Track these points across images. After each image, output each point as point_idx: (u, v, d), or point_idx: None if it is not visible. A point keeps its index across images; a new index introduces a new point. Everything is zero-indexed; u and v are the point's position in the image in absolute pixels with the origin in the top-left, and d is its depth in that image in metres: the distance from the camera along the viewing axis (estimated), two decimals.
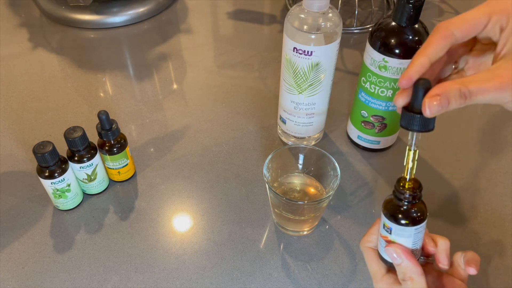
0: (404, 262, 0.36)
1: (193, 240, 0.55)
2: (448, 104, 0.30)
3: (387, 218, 0.37)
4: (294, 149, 0.56)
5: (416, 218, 0.36)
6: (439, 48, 0.32)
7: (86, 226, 0.56)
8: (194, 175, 0.62)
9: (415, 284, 0.36)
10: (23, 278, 0.51)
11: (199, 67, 0.81)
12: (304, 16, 0.53)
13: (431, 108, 0.30)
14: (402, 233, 0.37)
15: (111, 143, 0.56)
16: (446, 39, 0.31)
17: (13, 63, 0.81)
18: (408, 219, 0.36)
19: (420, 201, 0.37)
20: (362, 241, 0.41)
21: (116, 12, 0.88)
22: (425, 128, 0.33)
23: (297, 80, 0.57)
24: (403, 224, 0.36)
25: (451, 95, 0.30)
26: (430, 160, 0.65)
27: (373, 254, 0.40)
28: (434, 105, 0.30)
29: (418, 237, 0.37)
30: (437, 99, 0.30)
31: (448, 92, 0.30)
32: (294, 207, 0.51)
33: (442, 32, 0.32)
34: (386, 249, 0.38)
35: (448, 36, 0.31)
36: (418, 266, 0.36)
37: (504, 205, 0.59)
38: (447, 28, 0.31)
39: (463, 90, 0.30)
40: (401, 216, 0.36)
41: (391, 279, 0.39)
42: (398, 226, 0.36)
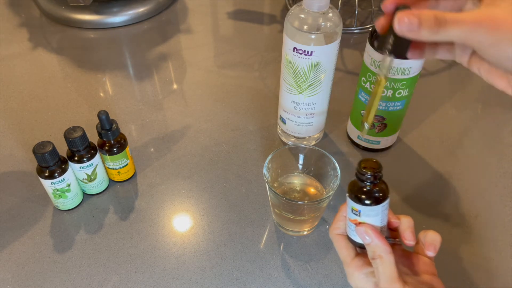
0: (374, 241, 0.38)
1: (193, 240, 0.55)
2: (419, 25, 0.30)
3: (354, 202, 0.39)
4: (294, 149, 0.56)
5: (382, 196, 0.38)
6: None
7: (86, 226, 0.56)
8: (194, 175, 0.62)
9: (384, 262, 0.37)
10: (23, 278, 0.51)
11: (199, 67, 0.81)
12: (304, 16, 0.53)
13: (400, 22, 0.30)
14: (371, 212, 0.38)
15: (111, 143, 0.56)
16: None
17: (13, 63, 0.81)
18: (375, 199, 0.38)
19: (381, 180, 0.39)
20: (331, 229, 0.43)
21: (116, 12, 0.88)
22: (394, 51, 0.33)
23: (297, 80, 0.57)
24: (371, 204, 0.38)
25: (424, 17, 0.30)
26: (430, 160, 0.65)
27: (341, 240, 0.42)
28: (404, 20, 0.30)
29: (385, 214, 0.39)
30: (409, 16, 0.30)
31: (422, 14, 0.30)
32: (294, 207, 0.51)
33: None
34: (357, 230, 0.39)
35: None
36: (386, 244, 0.38)
37: (504, 205, 0.59)
38: None
39: (438, 16, 0.30)
40: (368, 196, 0.38)
41: (360, 261, 0.41)
42: (366, 207, 0.38)
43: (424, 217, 0.58)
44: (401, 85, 0.55)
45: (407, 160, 0.65)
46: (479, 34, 0.30)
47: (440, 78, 0.79)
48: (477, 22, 0.30)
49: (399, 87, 0.56)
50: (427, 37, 0.31)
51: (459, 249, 0.55)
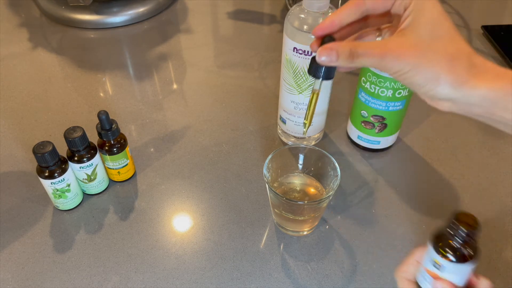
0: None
1: (193, 240, 0.55)
2: (337, 57, 0.35)
3: (440, 255, 0.35)
4: (294, 149, 0.56)
5: (473, 256, 0.35)
6: (351, 12, 0.36)
7: (86, 226, 0.56)
8: (194, 175, 0.62)
9: None
10: (23, 278, 0.51)
11: (199, 67, 0.81)
12: (304, 16, 0.53)
13: (320, 56, 0.35)
14: (456, 271, 0.35)
15: (111, 143, 0.56)
16: (357, 6, 0.36)
17: (13, 63, 0.81)
18: (464, 257, 0.35)
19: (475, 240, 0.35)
20: (398, 270, 0.41)
21: (116, 12, 0.88)
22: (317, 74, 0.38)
23: (297, 80, 0.57)
24: (460, 261, 0.35)
25: (341, 51, 0.34)
26: (430, 160, 0.65)
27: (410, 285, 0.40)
28: (323, 54, 0.35)
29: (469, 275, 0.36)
30: (328, 51, 0.35)
31: (339, 48, 0.35)
32: (294, 207, 0.51)
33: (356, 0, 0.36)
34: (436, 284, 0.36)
35: (360, 5, 0.36)
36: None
37: (504, 205, 0.59)
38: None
39: (352, 50, 0.34)
40: (458, 254, 0.35)
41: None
42: (453, 264, 0.35)
43: (424, 217, 0.58)
44: (401, 85, 0.55)
45: (407, 160, 0.65)
46: (386, 63, 0.34)
47: None
48: (382, 54, 0.34)
49: (399, 87, 0.56)
50: (344, 66, 0.35)
51: None
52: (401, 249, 0.54)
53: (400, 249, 0.54)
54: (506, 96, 0.32)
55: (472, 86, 0.33)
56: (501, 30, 0.89)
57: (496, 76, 0.33)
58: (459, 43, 0.34)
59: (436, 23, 0.34)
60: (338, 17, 0.37)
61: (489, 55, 0.84)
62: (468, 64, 0.33)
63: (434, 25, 0.34)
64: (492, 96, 0.33)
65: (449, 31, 0.34)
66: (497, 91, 0.32)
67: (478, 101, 0.33)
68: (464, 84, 0.33)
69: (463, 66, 0.33)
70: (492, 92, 0.32)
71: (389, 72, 0.35)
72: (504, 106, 0.32)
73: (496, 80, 0.33)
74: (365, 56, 0.34)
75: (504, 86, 0.32)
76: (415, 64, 0.33)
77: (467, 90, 0.33)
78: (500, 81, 0.32)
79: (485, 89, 0.33)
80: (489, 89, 0.32)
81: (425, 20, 0.34)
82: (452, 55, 0.33)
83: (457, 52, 0.33)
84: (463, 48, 0.33)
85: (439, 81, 0.33)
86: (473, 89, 0.33)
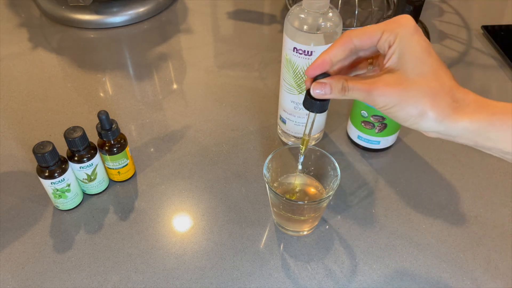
0: None
1: (193, 240, 0.55)
2: (330, 91, 0.38)
3: None
4: (294, 149, 0.56)
5: None
6: (340, 50, 0.39)
7: (86, 226, 0.56)
8: (194, 175, 0.62)
9: None
10: (23, 278, 0.51)
11: (199, 67, 0.81)
12: (304, 16, 0.53)
13: (314, 90, 0.39)
14: None
15: (111, 143, 0.56)
16: (345, 44, 0.38)
17: (13, 63, 0.81)
18: None
19: None
20: None
21: (116, 12, 0.88)
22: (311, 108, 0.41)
23: (297, 80, 0.57)
24: None
25: (333, 86, 0.38)
26: (430, 160, 0.65)
27: None
28: (317, 88, 0.39)
29: None
30: (322, 86, 0.39)
31: (332, 83, 0.38)
32: (294, 207, 0.51)
33: (344, 38, 0.38)
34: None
35: (348, 43, 0.38)
36: None
37: (504, 205, 0.59)
38: (349, 36, 0.38)
39: (344, 85, 0.38)
40: None
41: None
42: None
43: (424, 217, 0.58)
44: None
45: (407, 160, 0.65)
46: (373, 99, 0.37)
47: None
48: (369, 90, 0.37)
49: None
50: (337, 98, 0.39)
51: (459, 249, 0.55)
52: (401, 249, 0.54)
53: (400, 249, 0.54)
54: (487, 127, 0.35)
55: (454, 120, 0.35)
56: (501, 30, 0.89)
57: (476, 109, 0.35)
58: (442, 78, 0.36)
59: (419, 61, 0.36)
60: (329, 56, 0.39)
61: (489, 55, 0.84)
62: (450, 99, 0.35)
63: (418, 63, 0.36)
64: (474, 128, 0.35)
65: (432, 67, 0.36)
66: (477, 123, 0.35)
67: (460, 133, 0.36)
68: (446, 118, 0.35)
69: (446, 102, 0.35)
70: (473, 125, 0.35)
71: (376, 107, 0.37)
72: (486, 137, 0.35)
73: (476, 113, 0.35)
74: (354, 91, 0.38)
75: (484, 118, 0.35)
76: (400, 100, 0.36)
77: (449, 123, 0.35)
78: (479, 114, 0.35)
79: (466, 122, 0.35)
80: (469, 122, 0.35)
81: (409, 59, 0.36)
82: (435, 91, 0.35)
83: (440, 88, 0.35)
84: (445, 84, 0.36)
85: (422, 116, 0.36)
86: (455, 123, 0.35)
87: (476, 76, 0.80)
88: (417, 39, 0.36)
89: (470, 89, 0.37)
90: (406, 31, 0.36)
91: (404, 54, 0.36)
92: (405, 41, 0.36)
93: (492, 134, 0.35)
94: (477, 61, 0.83)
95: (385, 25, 0.37)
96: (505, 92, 0.76)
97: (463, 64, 0.82)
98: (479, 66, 0.82)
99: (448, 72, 0.36)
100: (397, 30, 0.36)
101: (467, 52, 0.85)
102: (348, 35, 0.38)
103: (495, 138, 0.35)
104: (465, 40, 0.88)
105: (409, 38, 0.36)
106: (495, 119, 0.35)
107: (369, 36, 0.38)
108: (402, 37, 0.36)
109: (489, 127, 0.35)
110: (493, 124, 0.35)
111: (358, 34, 0.38)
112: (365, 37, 0.38)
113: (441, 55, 0.84)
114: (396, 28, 0.36)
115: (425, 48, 0.36)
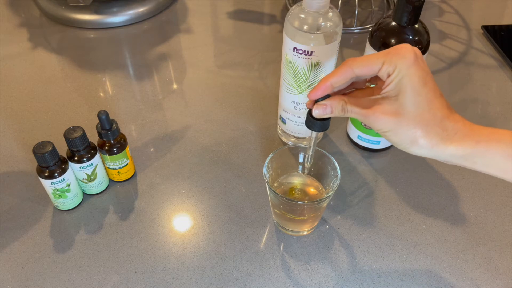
0: None
1: (193, 240, 0.55)
2: (331, 111, 0.42)
3: None
4: (294, 149, 0.56)
5: None
6: (341, 78, 0.41)
7: (86, 226, 0.56)
8: (194, 175, 0.62)
9: None
10: (23, 278, 0.51)
11: (199, 67, 0.81)
12: (304, 16, 0.53)
13: (315, 110, 0.42)
14: None
15: (111, 143, 0.56)
16: (346, 73, 0.41)
17: (13, 63, 0.81)
18: None
19: None
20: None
21: (116, 12, 0.88)
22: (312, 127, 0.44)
23: (297, 80, 0.57)
24: None
25: (334, 106, 0.41)
26: (430, 160, 0.65)
27: None
28: (318, 109, 0.42)
29: None
30: (323, 107, 0.42)
31: (332, 104, 0.41)
32: (294, 207, 0.51)
33: (345, 68, 0.41)
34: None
35: (349, 72, 0.40)
36: None
37: (504, 205, 0.59)
38: (350, 66, 0.40)
39: (344, 107, 0.41)
40: None
41: None
42: None
43: (424, 217, 0.58)
44: None
45: (407, 160, 0.65)
46: (369, 122, 0.40)
47: (440, 78, 0.79)
48: (367, 114, 0.40)
49: None
50: (338, 116, 0.42)
51: (459, 249, 0.55)
52: (401, 249, 0.54)
53: (400, 249, 0.54)
54: (472, 153, 0.38)
55: (442, 148, 0.39)
56: (501, 30, 0.89)
57: (462, 137, 0.39)
58: (435, 110, 0.39)
59: (415, 92, 0.38)
60: (330, 83, 0.41)
61: (489, 55, 0.84)
62: (440, 129, 0.39)
63: (413, 94, 0.38)
64: (460, 154, 0.39)
65: (427, 98, 0.39)
66: (463, 150, 0.38)
67: (448, 158, 0.39)
68: (435, 146, 0.39)
69: (435, 132, 0.39)
70: (459, 151, 0.38)
71: (372, 128, 0.40)
72: (473, 161, 0.39)
73: (462, 141, 0.38)
74: (353, 113, 0.41)
75: (469, 146, 0.38)
76: (394, 127, 0.39)
77: (438, 150, 0.39)
78: (466, 142, 0.38)
79: (453, 149, 0.39)
80: (455, 149, 0.38)
81: (405, 89, 0.38)
82: (426, 122, 0.38)
83: (431, 119, 0.39)
84: (437, 115, 0.39)
85: (414, 143, 0.39)
86: (443, 150, 0.39)
87: (476, 76, 0.80)
88: (414, 71, 0.38)
89: (471, 89, 0.37)
90: (405, 62, 0.38)
91: (401, 84, 0.38)
92: (403, 72, 0.38)
93: (478, 159, 0.38)
94: (477, 61, 0.83)
95: (385, 56, 0.39)
96: (505, 92, 0.76)
97: (463, 64, 0.82)
98: (479, 66, 0.82)
99: (443, 101, 0.39)
100: (396, 62, 0.38)
101: (467, 52, 0.85)
102: (350, 65, 0.40)
103: (481, 163, 0.38)
104: (465, 40, 0.88)
105: (406, 70, 0.38)
106: (479, 146, 0.38)
107: (370, 67, 0.40)
108: (401, 69, 0.38)
109: (474, 153, 0.38)
110: (478, 150, 0.38)
111: (359, 65, 0.40)
112: (366, 68, 0.40)
113: (441, 55, 0.84)
114: (396, 60, 0.38)
115: (422, 79, 0.38)
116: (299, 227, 0.55)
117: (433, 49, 0.86)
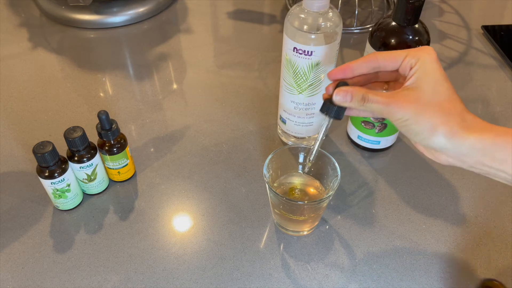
0: None
1: (193, 240, 0.55)
2: (350, 99, 0.41)
3: None
4: (294, 149, 0.56)
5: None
6: (364, 64, 0.42)
7: (86, 226, 0.56)
8: (194, 175, 0.62)
9: None
10: (23, 278, 0.51)
11: (199, 67, 0.81)
12: (304, 16, 0.53)
13: (336, 96, 0.42)
14: None
15: (111, 143, 0.56)
16: (371, 60, 0.42)
17: (13, 63, 0.81)
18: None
19: None
20: None
21: (116, 12, 0.88)
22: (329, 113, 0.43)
23: (297, 80, 0.57)
24: None
25: (354, 94, 0.41)
26: (430, 160, 0.65)
27: None
28: (339, 94, 0.41)
29: None
30: (344, 92, 0.41)
31: (353, 91, 0.41)
32: (294, 207, 0.51)
33: (370, 55, 0.42)
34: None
35: (373, 60, 0.42)
36: None
37: (504, 205, 0.59)
38: (375, 55, 0.42)
39: (364, 95, 0.40)
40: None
41: None
42: None
43: (424, 217, 0.58)
44: None
45: (407, 160, 0.65)
46: (390, 110, 0.40)
47: None
48: (388, 102, 0.39)
49: None
50: (355, 107, 0.42)
51: (459, 249, 0.55)
52: (401, 249, 0.54)
53: (400, 249, 0.54)
54: (492, 146, 0.37)
55: (462, 137, 0.38)
56: (501, 30, 0.89)
57: (483, 129, 0.38)
58: (454, 101, 0.39)
59: (437, 83, 0.39)
60: (354, 65, 0.42)
61: (489, 55, 0.84)
62: (460, 119, 0.38)
63: (436, 84, 0.39)
64: (480, 147, 0.37)
65: (448, 91, 0.39)
66: (484, 141, 0.37)
67: (467, 151, 0.38)
68: (455, 135, 0.38)
69: (456, 120, 0.38)
70: (479, 142, 0.37)
71: (391, 119, 0.40)
72: (492, 157, 0.37)
73: (482, 133, 0.38)
74: (374, 102, 0.40)
75: (489, 137, 0.37)
76: (415, 114, 0.39)
77: (458, 140, 0.38)
78: (486, 134, 0.38)
79: (473, 140, 0.37)
80: (476, 139, 0.37)
81: (428, 80, 0.39)
82: (448, 110, 0.38)
83: (452, 108, 0.39)
84: (457, 106, 0.39)
85: (434, 131, 0.38)
86: (463, 140, 0.38)
87: (476, 76, 0.80)
88: (436, 66, 0.39)
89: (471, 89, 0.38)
90: (428, 57, 0.40)
91: (423, 75, 0.39)
92: (426, 65, 0.39)
93: (497, 153, 0.37)
94: (477, 61, 0.83)
95: (409, 51, 0.40)
96: (505, 92, 0.76)
97: (463, 64, 0.82)
98: (479, 66, 0.82)
99: (460, 99, 0.40)
100: (420, 55, 0.40)
101: (467, 52, 0.85)
102: (375, 53, 0.42)
103: (500, 158, 0.37)
104: (465, 40, 0.88)
105: (429, 63, 0.39)
106: (499, 140, 0.37)
107: (394, 57, 0.41)
108: (424, 61, 0.39)
109: (494, 146, 0.37)
110: (498, 144, 0.37)
111: (384, 55, 0.42)
112: (390, 58, 0.41)
113: (441, 55, 0.84)
114: (419, 54, 0.40)
115: (442, 74, 0.40)
116: (299, 227, 0.55)
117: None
